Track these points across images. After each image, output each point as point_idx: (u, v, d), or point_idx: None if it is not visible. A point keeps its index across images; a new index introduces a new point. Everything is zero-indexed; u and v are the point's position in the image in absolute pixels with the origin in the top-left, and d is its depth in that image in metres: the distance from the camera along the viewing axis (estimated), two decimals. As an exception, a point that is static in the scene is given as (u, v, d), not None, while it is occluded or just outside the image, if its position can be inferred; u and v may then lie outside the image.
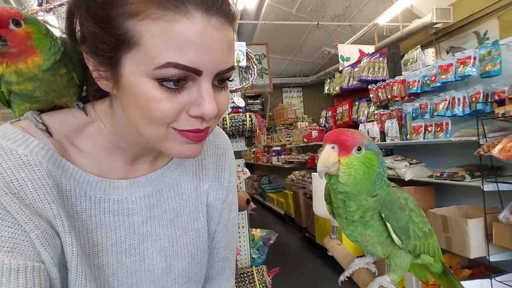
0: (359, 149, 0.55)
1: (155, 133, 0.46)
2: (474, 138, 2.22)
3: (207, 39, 0.41)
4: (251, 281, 1.78)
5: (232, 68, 0.47)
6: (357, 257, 0.76)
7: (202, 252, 0.64)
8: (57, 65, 0.48)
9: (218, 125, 1.80)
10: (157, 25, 0.40)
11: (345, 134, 0.55)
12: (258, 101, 7.34)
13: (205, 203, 0.65)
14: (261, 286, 1.77)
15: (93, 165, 0.53)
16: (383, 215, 0.61)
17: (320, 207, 0.83)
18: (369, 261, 0.74)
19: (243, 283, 1.77)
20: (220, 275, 0.70)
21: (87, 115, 0.53)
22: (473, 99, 2.41)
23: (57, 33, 0.49)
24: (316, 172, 0.58)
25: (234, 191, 0.70)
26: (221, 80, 0.47)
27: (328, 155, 0.55)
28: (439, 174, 2.58)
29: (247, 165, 2.23)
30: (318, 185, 0.84)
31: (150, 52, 0.41)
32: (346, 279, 0.75)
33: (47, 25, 0.48)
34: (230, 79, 0.49)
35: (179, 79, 0.42)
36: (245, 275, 1.81)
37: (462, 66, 2.47)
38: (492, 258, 2.15)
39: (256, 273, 1.82)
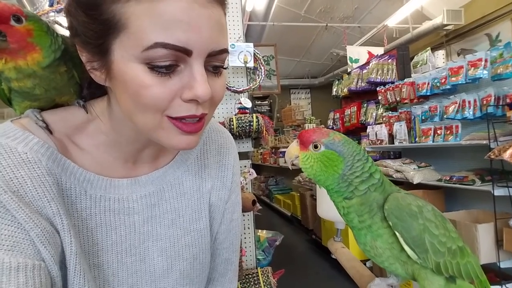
0: (316, 146, 0.58)
1: (148, 122, 0.45)
2: (484, 142, 2.17)
3: (194, 17, 0.40)
4: (256, 282, 1.77)
5: (225, 51, 0.45)
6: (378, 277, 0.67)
7: (204, 253, 0.63)
8: (57, 62, 0.48)
9: (225, 126, 1.81)
10: (142, 5, 0.39)
11: (306, 131, 0.60)
12: (266, 102, 7.30)
13: (208, 203, 0.64)
14: (265, 288, 1.76)
15: (93, 163, 0.53)
16: (390, 223, 0.56)
17: (323, 209, 0.82)
18: (392, 282, 0.65)
19: (248, 284, 1.76)
20: (223, 276, 0.69)
21: (87, 113, 0.53)
22: (484, 102, 2.37)
23: (67, 33, 0.49)
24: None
25: (238, 192, 0.69)
26: (215, 67, 0.46)
27: (291, 148, 0.62)
28: (448, 178, 2.54)
29: (254, 166, 2.22)
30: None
31: (137, 34, 0.40)
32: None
33: (56, 24, 0.48)
34: (224, 66, 0.47)
35: (170, 65, 0.41)
36: (250, 276, 1.80)
37: (473, 68, 2.42)
38: (503, 265, 2.11)
39: (261, 274, 1.80)
